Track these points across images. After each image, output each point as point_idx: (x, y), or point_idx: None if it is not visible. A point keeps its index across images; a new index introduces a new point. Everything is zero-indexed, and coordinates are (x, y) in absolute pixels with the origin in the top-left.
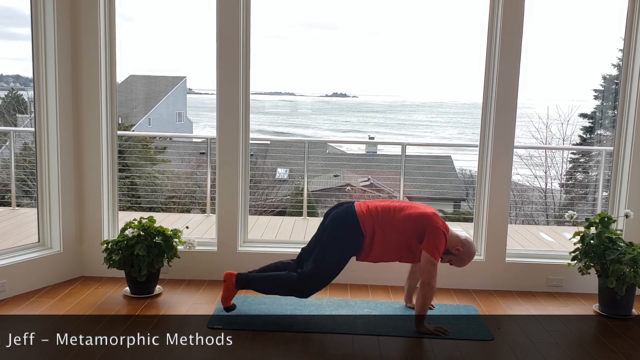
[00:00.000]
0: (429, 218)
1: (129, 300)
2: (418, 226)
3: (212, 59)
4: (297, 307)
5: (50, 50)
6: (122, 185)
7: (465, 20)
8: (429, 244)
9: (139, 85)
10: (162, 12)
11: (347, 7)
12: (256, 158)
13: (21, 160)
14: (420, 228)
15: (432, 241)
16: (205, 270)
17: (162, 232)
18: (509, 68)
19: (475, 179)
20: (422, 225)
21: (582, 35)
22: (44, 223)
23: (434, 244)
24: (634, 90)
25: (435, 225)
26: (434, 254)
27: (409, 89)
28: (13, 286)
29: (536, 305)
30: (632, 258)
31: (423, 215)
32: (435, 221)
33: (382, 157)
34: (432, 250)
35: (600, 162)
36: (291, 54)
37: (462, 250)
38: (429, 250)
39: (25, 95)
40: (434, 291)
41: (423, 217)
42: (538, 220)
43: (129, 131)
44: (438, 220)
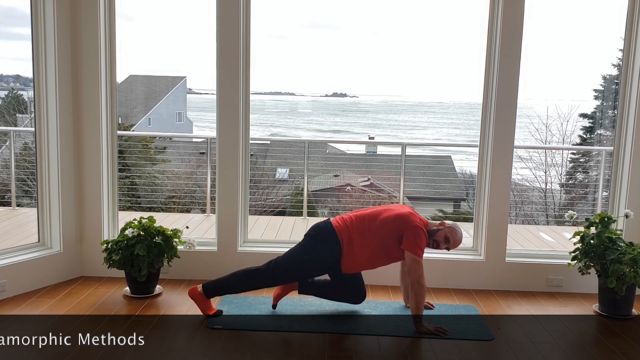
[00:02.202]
0: (406, 217)
1: (129, 300)
2: (397, 228)
3: (212, 59)
4: (297, 307)
5: (50, 50)
6: (122, 185)
7: (465, 20)
8: (410, 243)
9: (139, 85)
10: (162, 12)
11: (347, 7)
12: (256, 158)
13: (21, 160)
14: (399, 229)
15: (412, 240)
16: (205, 270)
17: (162, 232)
18: (509, 68)
19: (475, 179)
20: (400, 226)
21: (582, 35)
22: (44, 223)
23: (414, 241)
24: (634, 90)
25: (413, 224)
26: (416, 252)
27: (409, 89)
28: (13, 286)
29: (536, 305)
30: (632, 258)
31: (399, 216)
32: (411, 220)
33: (382, 157)
34: (413, 248)
35: (600, 162)
36: (291, 53)
37: (445, 223)
38: (410, 248)
39: (25, 95)
40: (425, 288)
41: (399, 218)
42: (538, 220)
43: (129, 131)
44: (414, 219)
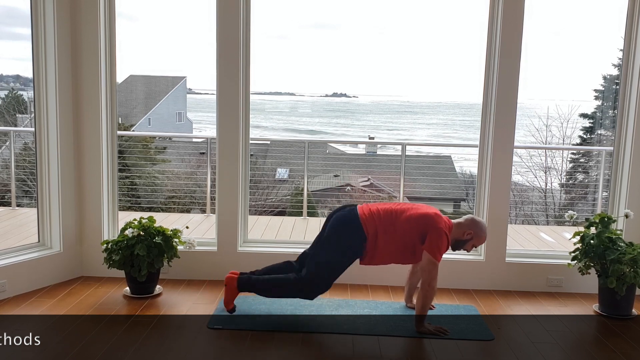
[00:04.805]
0: (431, 218)
1: (129, 300)
2: (420, 227)
3: (212, 59)
4: (297, 307)
5: (50, 50)
6: (122, 185)
7: (465, 20)
8: (431, 245)
9: (139, 85)
10: (162, 12)
11: (347, 7)
12: (256, 158)
13: (21, 160)
14: (423, 228)
15: (434, 241)
16: (205, 270)
17: (162, 232)
18: (509, 68)
19: (475, 179)
20: (424, 225)
21: (582, 35)
22: (44, 223)
23: (435, 244)
24: (634, 90)
25: (437, 226)
26: (436, 255)
27: (408, 89)
28: (13, 286)
29: (536, 305)
30: (632, 258)
31: (425, 215)
32: (437, 221)
33: (382, 157)
34: (433, 250)
35: (600, 162)
36: (292, 53)
37: (473, 232)
38: (430, 250)
39: (25, 95)
40: (435, 292)
41: (425, 218)
42: (538, 220)
43: (129, 131)
44: (440, 221)
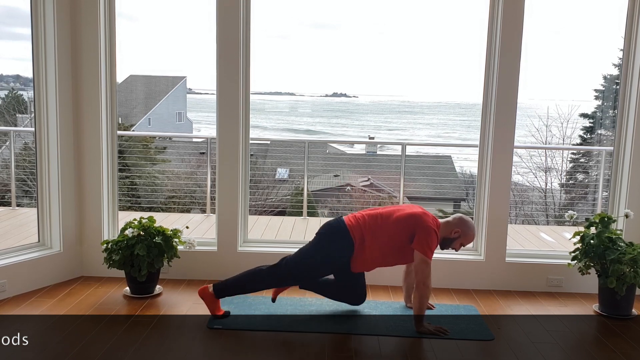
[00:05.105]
0: (419, 217)
1: (129, 300)
2: (409, 227)
3: (212, 59)
4: (297, 307)
5: (50, 50)
6: (122, 185)
7: (465, 20)
8: (420, 243)
9: (139, 85)
10: (163, 12)
11: (347, 7)
12: (256, 158)
13: (21, 160)
14: (411, 228)
15: (423, 239)
16: (205, 270)
17: (162, 232)
18: (509, 67)
19: (475, 179)
20: (413, 225)
21: (582, 35)
22: (44, 223)
23: (425, 242)
24: (634, 90)
25: (425, 224)
26: (426, 252)
27: (407, 88)
28: (13, 286)
29: (536, 305)
30: (632, 258)
31: (412, 215)
32: (424, 220)
33: (382, 157)
34: (423, 248)
35: (600, 162)
36: (292, 53)
37: (460, 230)
38: (420, 249)
39: (25, 95)
40: (430, 290)
41: (412, 217)
42: (538, 220)
43: (129, 131)
44: (427, 219)
